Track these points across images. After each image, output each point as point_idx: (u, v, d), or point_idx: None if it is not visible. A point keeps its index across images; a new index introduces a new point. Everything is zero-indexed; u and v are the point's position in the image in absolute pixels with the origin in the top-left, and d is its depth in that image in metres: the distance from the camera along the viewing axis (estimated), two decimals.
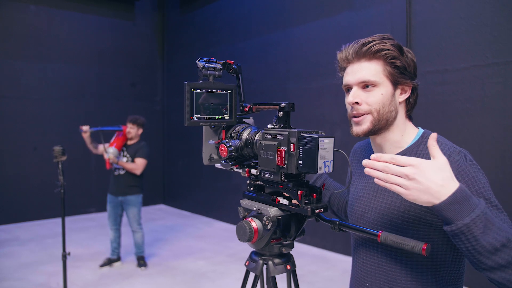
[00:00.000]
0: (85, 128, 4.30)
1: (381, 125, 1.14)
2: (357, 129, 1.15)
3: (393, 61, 1.11)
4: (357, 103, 1.13)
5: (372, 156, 0.94)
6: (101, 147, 4.47)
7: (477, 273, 1.14)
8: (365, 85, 1.13)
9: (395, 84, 1.14)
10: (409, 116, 1.20)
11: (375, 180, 0.94)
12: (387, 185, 0.92)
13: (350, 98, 1.13)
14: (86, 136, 4.33)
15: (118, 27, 7.56)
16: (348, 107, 1.17)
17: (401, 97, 1.16)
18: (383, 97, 1.12)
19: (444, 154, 1.07)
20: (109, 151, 4.31)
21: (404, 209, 1.11)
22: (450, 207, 0.89)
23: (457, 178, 1.03)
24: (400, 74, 1.12)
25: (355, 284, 1.26)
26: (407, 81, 1.14)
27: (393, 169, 0.90)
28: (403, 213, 1.11)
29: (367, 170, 0.94)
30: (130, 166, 4.36)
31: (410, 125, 1.20)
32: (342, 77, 1.22)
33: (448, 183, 0.90)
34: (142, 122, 4.57)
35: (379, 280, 1.17)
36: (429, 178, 0.89)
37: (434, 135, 0.95)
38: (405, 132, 1.18)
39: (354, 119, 1.15)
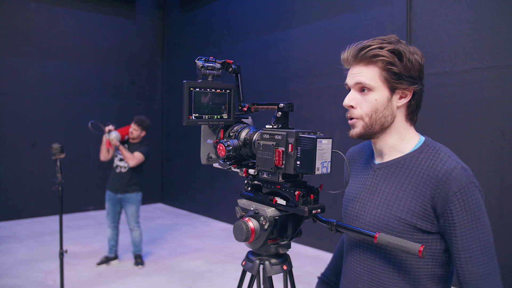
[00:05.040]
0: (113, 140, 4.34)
1: (375, 130, 1.15)
2: (351, 132, 1.18)
3: (390, 67, 1.10)
4: (352, 106, 1.14)
5: None
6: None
7: None
8: (362, 88, 1.13)
9: (393, 89, 1.13)
10: (411, 120, 1.19)
11: None
12: None
13: (346, 100, 1.15)
14: (108, 141, 4.36)
15: (118, 25, 7.55)
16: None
17: (400, 101, 1.15)
18: (376, 103, 1.12)
19: (447, 167, 1.07)
20: (112, 134, 4.31)
21: (401, 213, 1.11)
22: None
23: (458, 195, 1.04)
24: (397, 80, 1.11)
25: (346, 285, 1.25)
26: (406, 86, 1.12)
27: None
28: (399, 218, 1.11)
29: None
30: (127, 154, 4.34)
31: (411, 130, 1.20)
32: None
33: None
34: (147, 126, 4.57)
35: (371, 282, 1.16)
36: None
37: None
38: (406, 137, 1.18)
39: (349, 121, 1.18)
